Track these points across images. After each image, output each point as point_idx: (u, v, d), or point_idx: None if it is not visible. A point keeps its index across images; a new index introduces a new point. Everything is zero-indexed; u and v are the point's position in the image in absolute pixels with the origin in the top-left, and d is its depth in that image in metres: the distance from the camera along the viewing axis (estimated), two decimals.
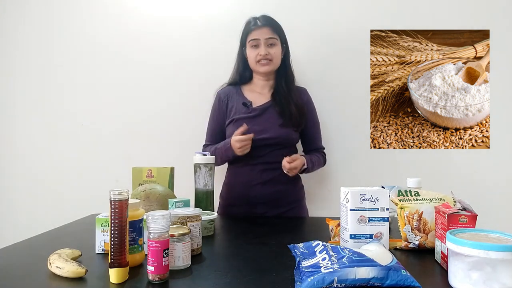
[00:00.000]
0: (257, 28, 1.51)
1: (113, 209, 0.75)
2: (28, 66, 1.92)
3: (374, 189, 0.93)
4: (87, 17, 1.89)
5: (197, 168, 1.29)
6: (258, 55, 1.50)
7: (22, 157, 1.92)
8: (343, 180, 1.83)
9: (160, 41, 1.87)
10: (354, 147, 1.83)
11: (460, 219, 0.83)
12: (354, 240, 0.91)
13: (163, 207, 1.16)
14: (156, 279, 0.75)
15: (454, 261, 0.72)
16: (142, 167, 1.37)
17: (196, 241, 0.94)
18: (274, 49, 1.51)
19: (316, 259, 0.76)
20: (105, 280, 0.76)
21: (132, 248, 0.83)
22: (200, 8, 1.86)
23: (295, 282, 0.72)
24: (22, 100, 1.92)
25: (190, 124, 1.83)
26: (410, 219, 0.97)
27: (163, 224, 0.77)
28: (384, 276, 0.70)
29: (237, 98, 1.57)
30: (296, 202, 1.57)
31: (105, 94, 1.90)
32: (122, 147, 1.89)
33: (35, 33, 1.91)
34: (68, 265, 0.78)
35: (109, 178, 1.87)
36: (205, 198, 1.28)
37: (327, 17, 1.83)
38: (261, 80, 1.59)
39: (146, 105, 1.89)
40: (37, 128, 1.92)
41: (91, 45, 1.89)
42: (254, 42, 1.51)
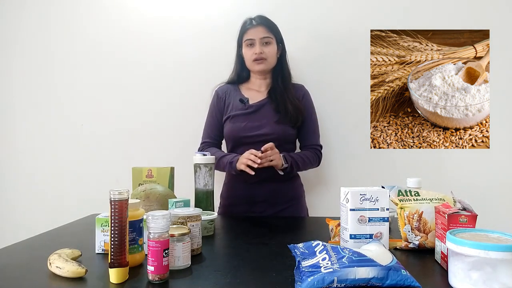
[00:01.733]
0: (252, 27, 1.52)
1: (113, 209, 0.75)
2: (28, 66, 1.92)
3: (374, 189, 0.93)
4: (86, 18, 1.89)
5: (197, 168, 1.29)
6: (253, 54, 1.51)
7: (22, 157, 1.92)
8: (343, 180, 1.83)
9: (160, 41, 1.87)
10: (354, 147, 1.83)
11: (460, 219, 0.83)
12: (354, 240, 0.91)
13: (163, 207, 1.16)
14: (156, 279, 0.75)
15: (454, 261, 0.72)
16: (142, 167, 1.37)
17: (196, 241, 0.94)
18: (269, 48, 1.52)
19: (316, 259, 0.76)
20: (105, 280, 0.76)
21: (132, 248, 0.83)
22: (199, 9, 1.86)
23: (295, 282, 0.72)
24: (22, 100, 1.92)
25: (190, 124, 1.83)
26: (410, 219, 0.97)
27: (163, 224, 0.77)
28: (384, 276, 0.70)
29: (235, 95, 1.58)
30: (295, 200, 1.57)
31: (105, 94, 1.90)
32: (122, 147, 1.89)
33: (34, 34, 1.91)
34: (68, 265, 0.78)
35: (109, 178, 1.87)
36: (205, 198, 1.29)
37: (327, 17, 1.83)
38: (258, 79, 1.60)
39: (146, 105, 1.89)
40: (37, 129, 1.92)
41: (90, 46, 1.90)
42: (249, 41, 1.52)
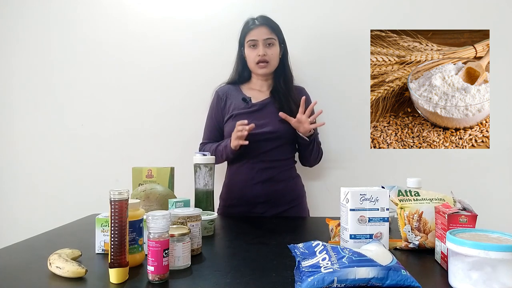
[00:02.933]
0: (255, 28, 1.51)
1: (113, 209, 0.75)
2: (28, 66, 1.91)
3: (374, 189, 0.93)
4: (86, 19, 1.89)
5: (197, 168, 1.29)
6: (257, 56, 1.50)
7: (22, 157, 1.92)
8: (343, 180, 1.83)
9: (160, 41, 1.87)
10: (354, 147, 1.83)
11: (460, 219, 0.83)
12: (354, 240, 0.91)
13: (163, 207, 1.16)
14: (156, 279, 0.75)
15: (454, 261, 0.72)
16: (142, 167, 1.37)
17: (196, 241, 0.94)
18: (272, 49, 1.51)
19: (316, 259, 0.76)
20: (105, 280, 0.76)
21: (132, 248, 0.83)
22: (199, 9, 1.86)
23: (295, 282, 0.72)
24: (21, 100, 1.92)
25: (190, 124, 1.83)
26: (410, 219, 0.97)
27: (163, 224, 0.77)
28: (384, 276, 0.70)
29: (236, 95, 1.58)
30: (296, 201, 1.57)
31: (105, 94, 1.90)
32: (122, 147, 1.89)
33: (34, 34, 1.91)
34: (68, 265, 0.78)
35: (109, 178, 1.87)
36: (205, 198, 1.29)
37: (327, 17, 1.82)
38: (260, 80, 1.60)
39: (146, 105, 1.89)
40: (37, 128, 1.92)
41: (90, 46, 1.89)
42: (252, 42, 1.51)
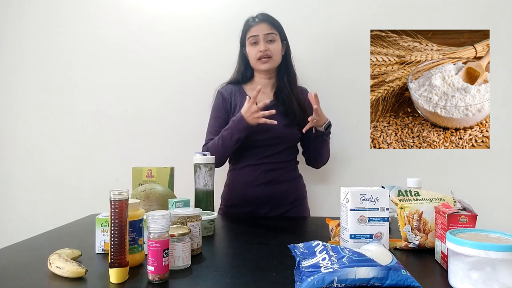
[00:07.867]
0: (255, 24, 1.50)
1: (113, 209, 0.75)
2: (28, 65, 1.92)
3: (374, 189, 0.93)
4: (86, 17, 1.89)
5: (197, 168, 1.29)
6: (258, 52, 1.49)
7: (22, 157, 1.92)
8: (343, 180, 1.83)
9: (160, 40, 1.87)
10: (354, 147, 1.83)
11: (460, 219, 0.83)
12: (354, 240, 0.91)
13: (163, 207, 1.16)
14: (156, 279, 0.75)
15: (454, 261, 0.72)
16: (142, 167, 1.37)
17: (196, 241, 0.94)
18: (273, 45, 1.50)
19: (316, 259, 0.76)
20: (105, 280, 0.76)
21: (132, 248, 0.83)
22: (199, 6, 1.86)
23: (295, 282, 0.72)
24: (21, 100, 1.92)
25: (190, 124, 1.83)
26: (410, 219, 0.97)
27: (163, 224, 0.77)
28: (384, 276, 0.70)
29: (240, 97, 1.56)
30: (298, 201, 1.57)
31: (105, 94, 1.90)
32: (122, 147, 1.89)
33: (34, 33, 1.91)
34: (68, 265, 0.78)
35: (109, 178, 1.87)
36: (205, 198, 1.28)
37: (327, 17, 1.82)
38: (263, 79, 1.58)
39: (146, 105, 1.89)
40: (37, 128, 1.92)
41: (90, 45, 1.90)
42: (253, 39, 1.50)
